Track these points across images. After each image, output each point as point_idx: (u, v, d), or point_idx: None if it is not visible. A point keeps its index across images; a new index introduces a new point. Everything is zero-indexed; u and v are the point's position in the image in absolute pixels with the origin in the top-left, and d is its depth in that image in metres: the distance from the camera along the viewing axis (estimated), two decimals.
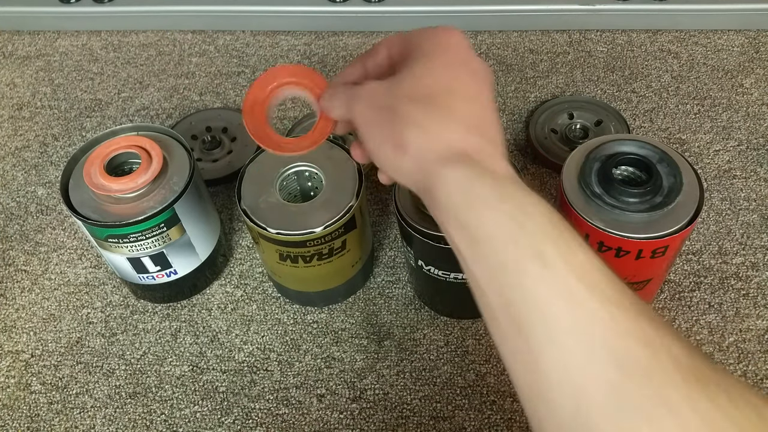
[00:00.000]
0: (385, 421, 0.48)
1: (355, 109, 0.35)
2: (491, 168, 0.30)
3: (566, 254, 0.26)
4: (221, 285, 0.56)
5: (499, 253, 0.27)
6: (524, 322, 0.26)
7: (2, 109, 0.70)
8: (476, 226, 0.29)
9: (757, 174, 0.59)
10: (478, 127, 0.32)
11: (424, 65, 0.33)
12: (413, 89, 0.32)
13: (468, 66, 0.34)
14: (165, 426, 0.49)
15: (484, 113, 0.33)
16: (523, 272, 0.26)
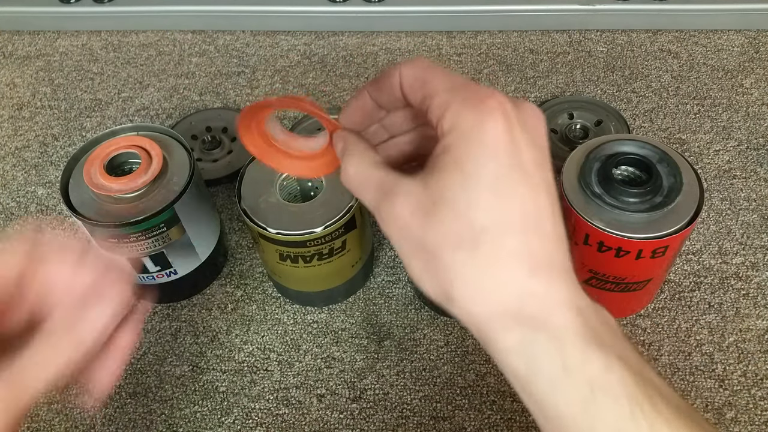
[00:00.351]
0: (385, 421, 0.48)
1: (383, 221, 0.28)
2: (554, 328, 0.25)
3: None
4: (221, 285, 0.56)
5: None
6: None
7: (2, 109, 0.70)
8: (542, 401, 0.26)
9: (757, 174, 0.59)
10: (537, 266, 0.26)
11: (467, 196, 0.25)
12: (454, 228, 0.25)
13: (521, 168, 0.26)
14: (165, 426, 0.49)
15: (545, 241, 0.26)
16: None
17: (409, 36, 0.73)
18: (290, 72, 0.70)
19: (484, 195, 0.25)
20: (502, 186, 0.25)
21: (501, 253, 0.25)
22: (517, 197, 0.26)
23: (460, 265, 0.26)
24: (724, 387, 0.48)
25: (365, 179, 0.29)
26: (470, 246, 0.25)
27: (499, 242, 0.25)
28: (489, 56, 0.70)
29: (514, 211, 0.25)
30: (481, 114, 0.26)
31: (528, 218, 0.26)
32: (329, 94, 0.68)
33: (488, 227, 0.25)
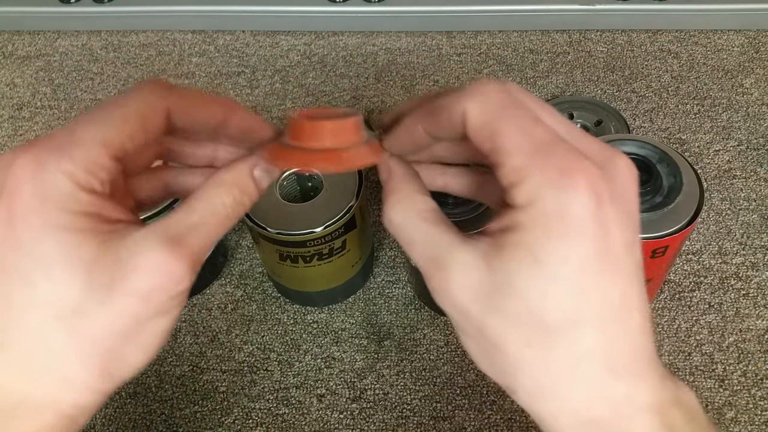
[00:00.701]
0: (385, 421, 0.48)
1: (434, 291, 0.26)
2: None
3: None
4: (221, 285, 0.56)
5: None
6: None
7: (2, 109, 0.70)
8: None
9: (757, 174, 0.59)
10: (618, 365, 0.23)
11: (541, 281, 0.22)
12: (524, 323, 0.23)
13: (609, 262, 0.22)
14: (165, 426, 0.49)
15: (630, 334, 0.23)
16: None
17: (409, 36, 0.73)
18: (290, 72, 0.70)
19: (561, 290, 0.22)
20: (584, 280, 0.22)
21: (576, 353, 0.22)
22: (600, 290, 0.22)
23: (528, 363, 0.23)
24: (724, 387, 0.48)
25: (412, 235, 0.27)
26: (541, 344, 0.23)
27: (574, 341, 0.22)
28: (489, 56, 0.70)
29: (595, 306, 0.22)
30: (567, 193, 0.22)
31: (611, 312, 0.23)
32: (329, 94, 0.68)
33: (563, 325, 0.22)
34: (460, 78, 0.68)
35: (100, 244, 0.23)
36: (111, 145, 0.24)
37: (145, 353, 0.25)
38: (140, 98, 0.26)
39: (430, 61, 0.70)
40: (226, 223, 0.27)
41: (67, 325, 0.23)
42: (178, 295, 0.25)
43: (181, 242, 0.25)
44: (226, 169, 0.28)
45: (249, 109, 0.30)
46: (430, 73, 0.69)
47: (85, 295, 0.23)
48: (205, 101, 0.28)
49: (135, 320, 0.24)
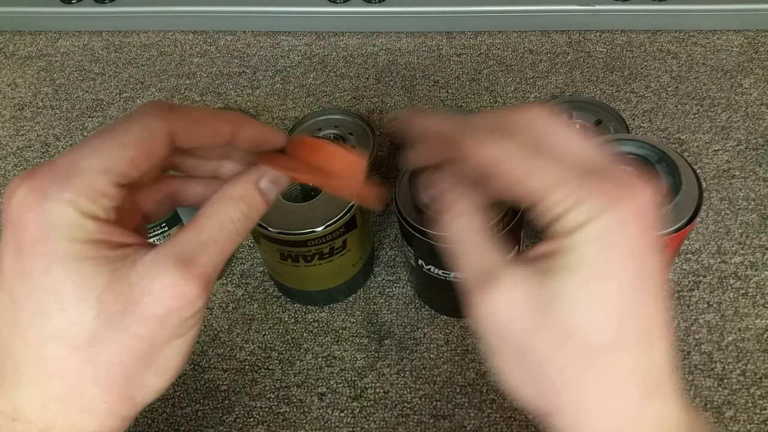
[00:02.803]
0: (385, 420, 0.48)
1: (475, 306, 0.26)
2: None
3: None
4: (222, 284, 0.56)
5: None
6: None
7: (4, 109, 0.71)
8: None
9: (756, 174, 0.59)
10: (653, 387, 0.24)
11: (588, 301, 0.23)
12: (568, 342, 0.23)
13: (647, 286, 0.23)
14: (166, 424, 0.49)
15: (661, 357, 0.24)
16: None
17: (409, 36, 0.73)
18: (291, 72, 0.71)
19: (607, 312, 0.23)
20: (626, 304, 0.23)
21: (617, 373, 0.23)
22: (638, 315, 0.23)
23: (572, 383, 0.24)
24: (723, 386, 0.48)
25: (465, 247, 0.27)
26: (585, 365, 0.23)
27: (616, 363, 0.23)
28: (489, 56, 0.70)
29: (634, 328, 0.23)
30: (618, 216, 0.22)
31: (647, 335, 0.24)
32: (330, 94, 0.68)
33: (606, 347, 0.23)
34: (460, 78, 0.68)
35: (110, 271, 0.23)
36: (113, 172, 0.24)
37: (165, 376, 0.25)
38: (142, 123, 0.25)
39: (430, 61, 0.70)
40: (236, 239, 0.27)
41: (84, 355, 0.23)
42: (194, 316, 0.25)
43: (192, 262, 0.24)
44: (231, 183, 0.27)
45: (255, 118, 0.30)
46: (430, 73, 0.69)
47: (99, 323, 0.23)
48: (210, 121, 0.27)
49: (151, 345, 0.24)
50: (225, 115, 0.28)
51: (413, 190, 0.44)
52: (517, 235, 0.46)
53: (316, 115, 0.63)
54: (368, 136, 0.61)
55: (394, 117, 0.31)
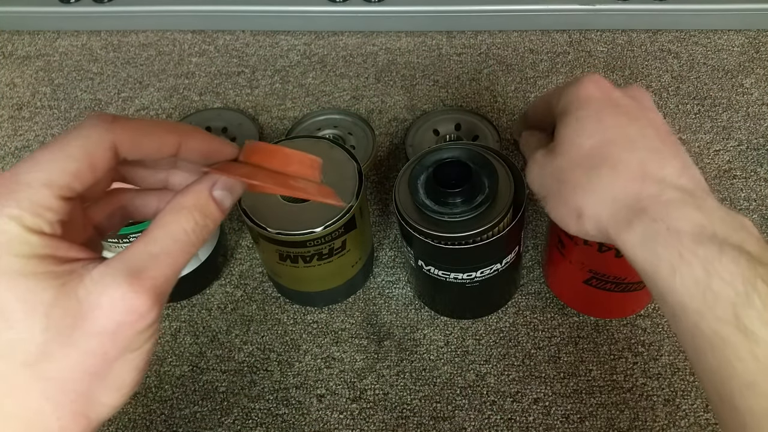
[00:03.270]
0: (385, 421, 0.48)
1: (528, 176, 0.36)
2: (671, 221, 0.28)
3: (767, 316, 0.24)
4: (221, 285, 0.55)
5: (695, 324, 0.26)
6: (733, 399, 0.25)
7: (2, 109, 0.70)
8: (665, 293, 0.27)
9: (757, 174, 0.59)
10: (648, 173, 0.30)
11: (574, 127, 0.33)
12: (571, 155, 0.32)
13: (618, 108, 0.32)
14: (165, 426, 0.49)
15: (653, 153, 0.30)
16: (723, 346, 0.25)
17: (409, 36, 0.73)
18: (290, 72, 0.70)
19: (590, 126, 0.32)
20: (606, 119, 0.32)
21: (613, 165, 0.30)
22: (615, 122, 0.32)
23: (579, 178, 0.31)
24: None
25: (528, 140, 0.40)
26: (585, 164, 0.31)
27: (609, 157, 0.31)
28: (489, 56, 0.70)
29: (614, 134, 0.31)
30: (576, 85, 0.34)
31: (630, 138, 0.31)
32: (329, 94, 0.68)
33: (597, 149, 0.31)
34: (460, 78, 0.68)
35: (57, 286, 0.23)
36: (57, 185, 0.24)
37: (120, 391, 0.25)
38: (84, 135, 0.25)
39: (430, 61, 0.70)
40: (190, 250, 0.26)
41: (34, 372, 0.23)
42: (147, 329, 0.24)
43: (142, 275, 0.24)
44: (183, 192, 0.27)
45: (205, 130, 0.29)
46: (430, 73, 0.69)
47: (48, 338, 0.23)
48: (154, 131, 0.27)
49: (103, 360, 0.24)
50: (171, 125, 0.28)
51: (412, 190, 0.43)
52: (518, 235, 0.46)
53: (316, 115, 0.63)
54: (368, 136, 0.60)
55: None
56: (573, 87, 0.34)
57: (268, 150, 0.30)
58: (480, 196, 0.42)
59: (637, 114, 0.32)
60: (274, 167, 0.30)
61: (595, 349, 0.50)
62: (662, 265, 0.27)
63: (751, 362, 0.24)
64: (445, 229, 0.42)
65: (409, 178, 0.44)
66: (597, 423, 0.47)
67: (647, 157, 0.30)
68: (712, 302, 0.25)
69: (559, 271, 0.50)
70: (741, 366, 0.24)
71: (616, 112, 0.32)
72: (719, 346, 0.25)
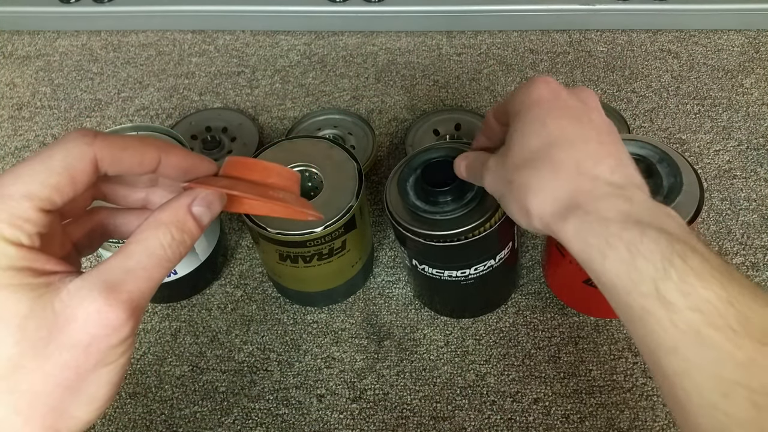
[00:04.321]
0: (385, 421, 0.48)
1: (484, 184, 0.37)
2: (600, 212, 0.30)
3: (684, 289, 0.26)
4: (221, 285, 0.55)
5: (626, 301, 0.28)
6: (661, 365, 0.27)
7: (2, 109, 0.70)
8: (599, 276, 0.29)
9: (757, 174, 0.59)
10: (583, 171, 0.31)
11: (522, 129, 0.34)
12: (519, 156, 0.33)
13: (564, 110, 0.34)
14: (165, 426, 0.49)
15: (589, 153, 0.32)
16: (648, 317, 0.27)
17: (409, 36, 0.73)
18: (290, 72, 0.70)
19: (534, 127, 0.33)
20: (550, 119, 0.33)
21: (554, 164, 0.32)
22: (557, 125, 0.33)
23: (525, 178, 0.33)
24: None
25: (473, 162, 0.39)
26: (530, 164, 0.32)
27: (551, 157, 0.32)
28: (489, 56, 0.70)
29: (557, 136, 0.32)
30: (527, 87, 0.35)
31: (570, 139, 0.32)
32: (329, 94, 0.68)
33: (540, 149, 0.32)
34: (460, 78, 0.68)
35: (33, 298, 0.23)
36: (36, 197, 0.24)
37: (93, 405, 0.24)
38: (65, 149, 0.25)
39: (430, 61, 0.70)
40: (167, 265, 0.26)
41: (4, 385, 0.23)
42: (121, 343, 0.24)
43: (118, 288, 0.24)
44: (162, 208, 0.27)
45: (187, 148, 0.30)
46: (430, 73, 0.69)
47: (20, 351, 0.23)
48: (134, 146, 0.27)
49: (77, 373, 0.23)
50: (150, 141, 0.28)
51: (402, 191, 0.44)
52: (510, 231, 0.46)
53: (315, 115, 0.63)
54: (367, 136, 0.60)
55: None
56: (524, 88, 0.35)
57: (248, 163, 0.31)
58: (470, 193, 0.42)
59: (580, 115, 0.34)
60: (254, 179, 0.30)
61: (595, 349, 0.50)
62: (593, 252, 0.29)
63: (672, 329, 0.26)
64: (436, 227, 0.42)
65: (398, 180, 0.44)
66: (597, 423, 0.47)
67: (583, 156, 0.32)
68: (637, 279, 0.27)
69: (559, 271, 0.50)
70: (664, 334, 0.26)
71: (561, 114, 0.33)
72: (646, 318, 0.27)
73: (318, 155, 0.48)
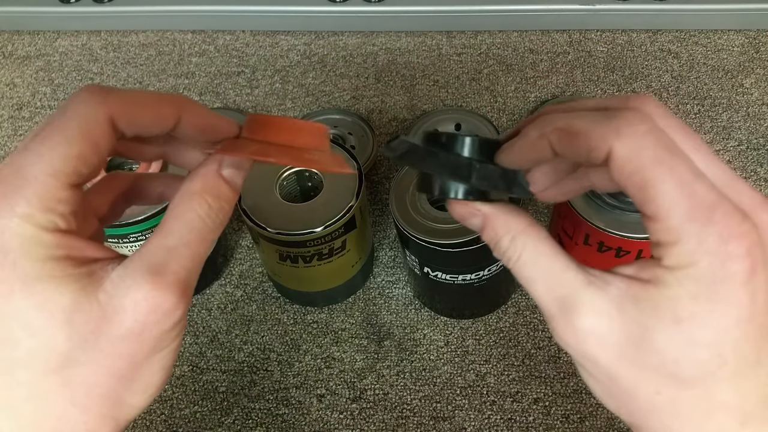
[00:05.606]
0: (385, 421, 0.48)
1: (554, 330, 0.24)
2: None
3: None
4: (221, 285, 0.55)
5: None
6: None
7: (2, 109, 0.70)
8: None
9: (757, 174, 0.59)
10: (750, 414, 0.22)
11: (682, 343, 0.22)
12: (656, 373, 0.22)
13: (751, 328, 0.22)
14: (165, 426, 0.49)
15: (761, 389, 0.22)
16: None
17: (409, 36, 0.73)
18: (290, 72, 0.70)
19: (701, 353, 0.22)
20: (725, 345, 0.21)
21: (709, 404, 0.22)
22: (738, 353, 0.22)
23: (658, 409, 0.23)
24: None
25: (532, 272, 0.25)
26: (673, 393, 0.22)
27: (708, 394, 0.22)
28: (489, 56, 0.70)
29: (731, 365, 0.22)
30: (723, 263, 0.21)
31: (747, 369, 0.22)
32: (329, 94, 0.68)
33: (697, 379, 0.22)
34: (460, 78, 0.68)
35: (76, 290, 0.22)
36: (63, 173, 0.22)
37: (147, 392, 0.24)
38: (78, 113, 0.23)
39: (430, 61, 0.70)
40: (210, 236, 0.25)
41: (58, 378, 0.22)
42: (174, 327, 0.24)
43: (163, 271, 0.23)
44: (190, 178, 0.26)
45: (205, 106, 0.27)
46: (430, 73, 0.69)
47: (72, 345, 0.22)
48: (151, 103, 0.25)
49: (131, 362, 0.23)
50: (168, 97, 0.26)
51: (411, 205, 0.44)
52: None
53: (316, 115, 0.63)
54: (368, 136, 0.60)
55: None
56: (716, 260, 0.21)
57: (275, 123, 0.28)
58: None
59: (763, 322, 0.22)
60: (283, 141, 0.27)
61: None
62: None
63: None
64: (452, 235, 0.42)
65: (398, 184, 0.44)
66: (597, 423, 0.47)
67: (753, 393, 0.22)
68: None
69: None
70: None
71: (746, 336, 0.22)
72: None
73: None
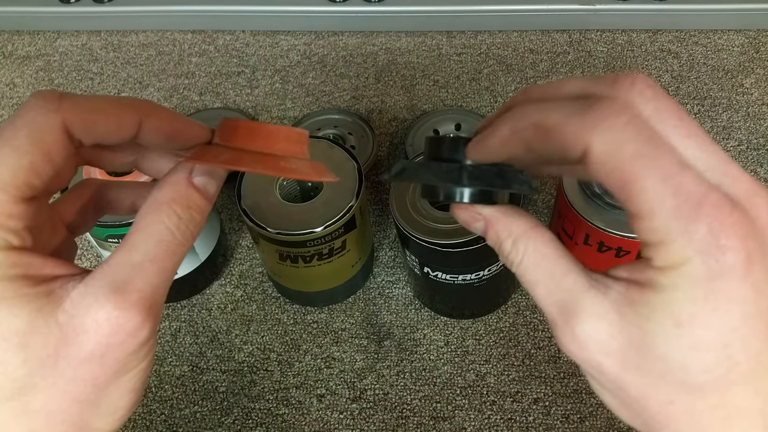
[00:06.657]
0: (385, 421, 0.48)
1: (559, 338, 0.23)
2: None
3: None
4: (221, 285, 0.55)
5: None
6: None
7: (2, 109, 0.70)
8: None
9: (757, 174, 0.59)
10: None
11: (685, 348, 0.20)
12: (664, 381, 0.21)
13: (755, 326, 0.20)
14: (165, 426, 0.49)
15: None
16: None
17: (409, 36, 0.73)
18: (290, 72, 0.70)
19: (706, 356, 0.20)
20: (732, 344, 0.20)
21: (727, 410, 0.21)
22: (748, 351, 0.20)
23: (673, 419, 0.21)
24: None
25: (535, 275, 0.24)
26: (686, 402, 0.21)
27: (724, 399, 0.21)
28: (489, 56, 0.70)
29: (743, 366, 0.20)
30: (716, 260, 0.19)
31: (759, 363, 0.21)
32: (329, 94, 0.68)
33: (710, 385, 0.21)
34: (460, 78, 0.68)
35: (32, 311, 0.21)
36: (12, 187, 0.21)
37: (115, 415, 0.23)
38: (28, 121, 0.22)
39: (430, 61, 0.70)
40: (179, 249, 0.23)
41: (15, 405, 0.21)
42: (140, 348, 0.22)
43: (127, 288, 0.21)
44: (159, 187, 0.24)
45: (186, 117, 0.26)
46: (430, 73, 0.69)
47: (27, 369, 0.21)
48: (108, 110, 0.23)
49: (93, 386, 0.22)
50: (128, 101, 0.24)
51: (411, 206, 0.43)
52: None
53: (316, 115, 0.63)
54: (368, 136, 0.60)
55: None
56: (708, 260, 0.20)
57: (249, 129, 0.26)
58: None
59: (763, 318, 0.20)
60: (258, 148, 0.25)
61: None
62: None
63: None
64: (452, 235, 0.42)
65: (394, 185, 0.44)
66: (597, 423, 0.47)
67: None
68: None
69: None
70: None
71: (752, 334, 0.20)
72: None
73: (318, 155, 0.48)
